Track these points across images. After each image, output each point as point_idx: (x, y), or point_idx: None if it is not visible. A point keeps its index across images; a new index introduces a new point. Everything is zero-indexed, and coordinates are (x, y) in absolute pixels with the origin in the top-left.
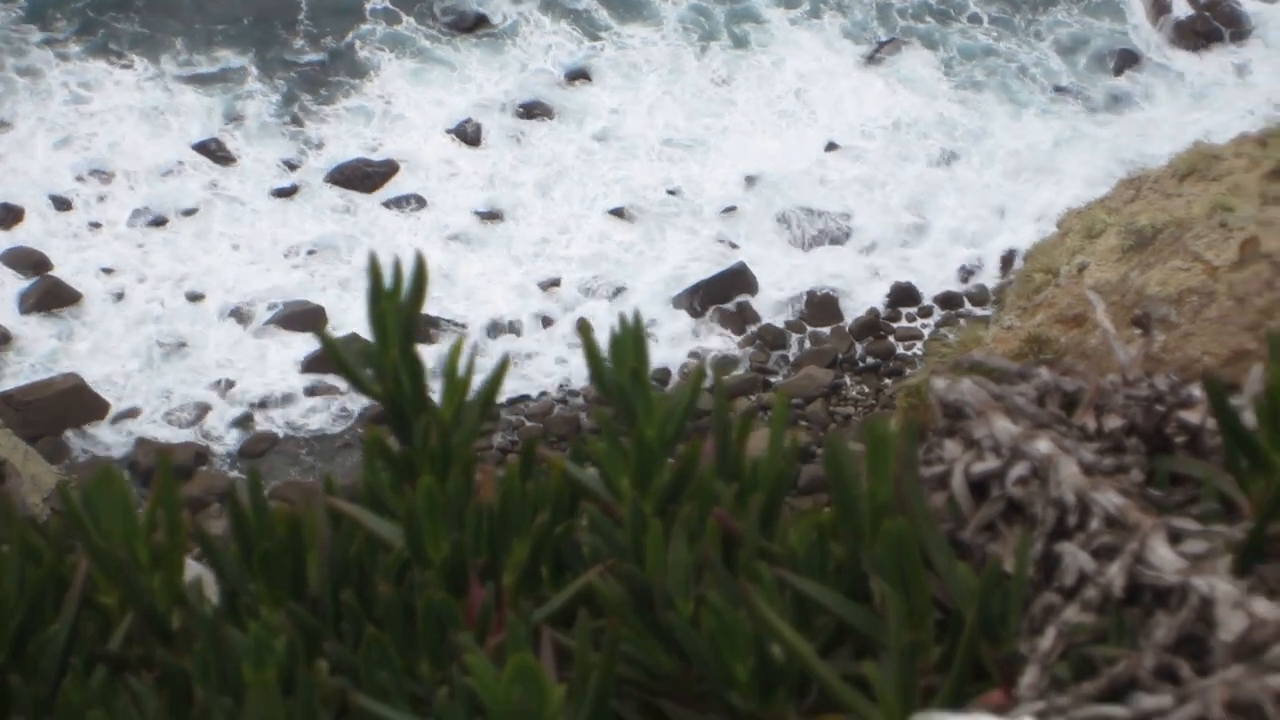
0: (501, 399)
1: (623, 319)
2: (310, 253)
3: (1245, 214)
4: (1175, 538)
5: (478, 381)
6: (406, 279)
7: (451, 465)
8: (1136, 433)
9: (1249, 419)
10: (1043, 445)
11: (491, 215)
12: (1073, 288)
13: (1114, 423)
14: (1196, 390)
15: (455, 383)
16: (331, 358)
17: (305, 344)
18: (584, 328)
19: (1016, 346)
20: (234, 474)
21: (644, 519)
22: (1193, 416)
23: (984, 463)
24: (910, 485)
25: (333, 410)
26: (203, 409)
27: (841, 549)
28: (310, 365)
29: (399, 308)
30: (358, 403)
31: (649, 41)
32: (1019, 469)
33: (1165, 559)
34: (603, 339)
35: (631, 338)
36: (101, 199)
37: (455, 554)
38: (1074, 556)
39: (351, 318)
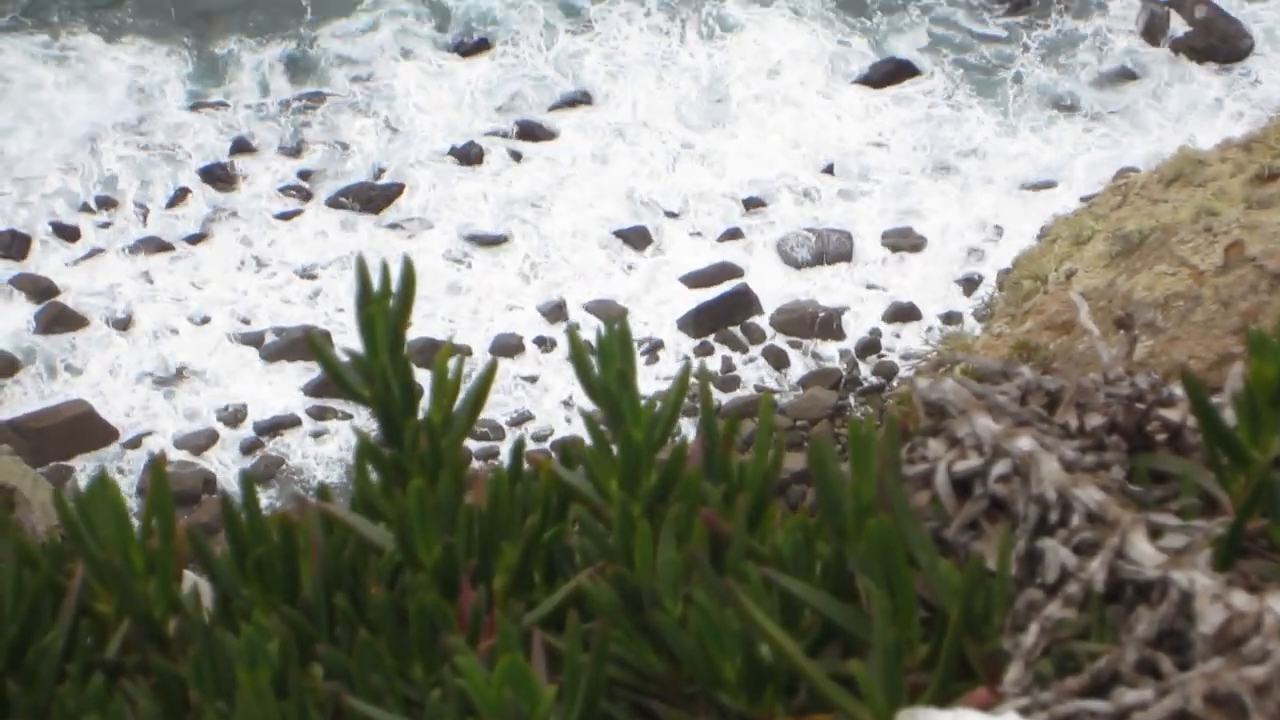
0: (505, 418)
1: (609, 322)
2: (314, 276)
3: (1230, 218)
4: (1155, 533)
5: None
6: (395, 284)
7: (442, 469)
8: (1118, 430)
9: (1229, 416)
10: (1024, 443)
11: (494, 238)
12: (1061, 294)
13: (1095, 420)
14: (1177, 388)
15: (444, 386)
16: (320, 362)
17: (311, 369)
18: (571, 331)
19: (1006, 353)
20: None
21: (632, 521)
22: (1173, 414)
23: (967, 461)
24: (893, 484)
25: (341, 434)
26: (211, 435)
27: (827, 548)
28: (317, 390)
29: (387, 313)
30: (367, 427)
31: (648, 60)
32: (1001, 467)
33: (1145, 554)
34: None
35: (618, 340)
36: (107, 225)
37: (446, 557)
38: (1056, 553)
39: (357, 339)
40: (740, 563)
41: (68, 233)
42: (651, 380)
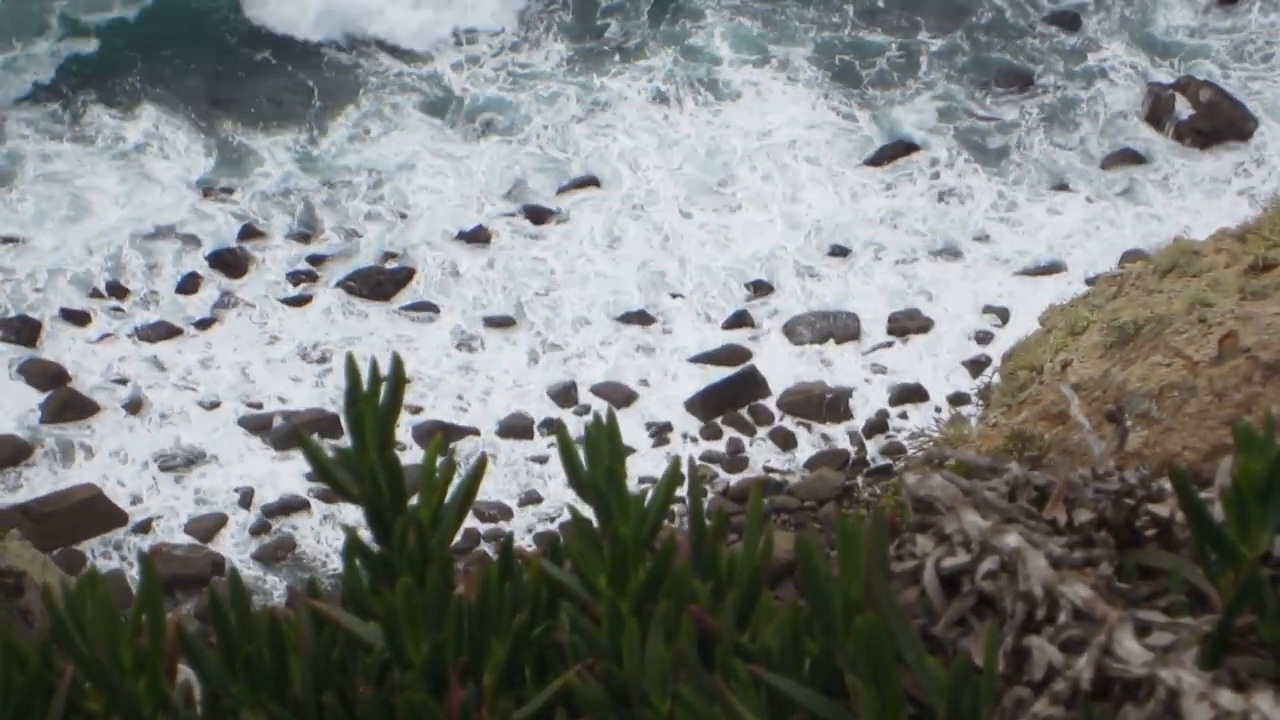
0: (513, 499)
1: (597, 418)
2: (324, 360)
3: (1225, 309)
4: (1143, 630)
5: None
6: (385, 381)
7: (430, 565)
8: (1106, 526)
9: (1218, 511)
10: (1012, 539)
11: (503, 319)
12: (1056, 385)
13: (1084, 516)
14: (1167, 483)
15: (432, 484)
16: (309, 460)
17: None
18: (559, 429)
19: (1001, 443)
20: (252, 578)
21: (621, 617)
22: (1162, 509)
23: (955, 557)
24: (879, 581)
25: (350, 516)
26: (220, 518)
27: (816, 644)
28: None
29: (376, 410)
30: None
31: (652, 137)
32: (988, 563)
33: (1133, 651)
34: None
35: (606, 437)
36: (118, 310)
37: (435, 655)
38: (1043, 650)
39: None
40: (729, 660)
41: (78, 317)
42: (658, 461)
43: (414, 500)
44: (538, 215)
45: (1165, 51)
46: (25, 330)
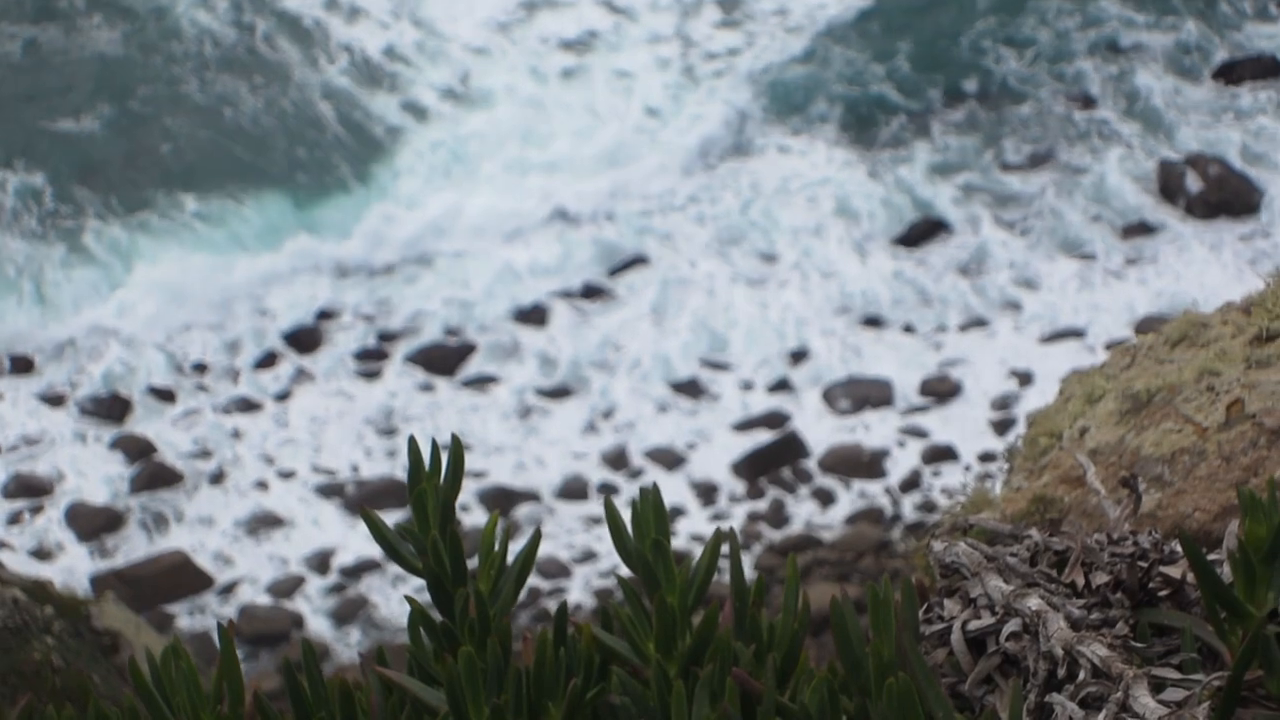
0: (570, 556)
1: (643, 492)
2: (392, 431)
3: (1231, 378)
4: (1158, 686)
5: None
6: (445, 462)
7: (490, 635)
8: (1122, 588)
9: (1226, 573)
10: (1033, 602)
11: (557, 391)
12: (1074, 450)
13: (1101, 579)
14: (1179, 546)
15: (491, 557)
16: (376, 538)
17: (390, 517)
18: (608, 504)
19: (1024, 506)
20: (329, 636)
21: (668, 681)
22: (1174, 571)
23: (980, 620)
24: (910, 644)
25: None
26: (298, 579)
27: (851, 704)
28: None
29: (438, 489)
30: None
31: (697, 216)
32: (1012, 625)
33: (1148, 707)
34: (667, 501)
35: (652, 510)
36: (201, 388)
37: (495, 718)
38: (1064, 707)
39: None
40: (771, 719)
41: (164, 394)
42: (705, 521)
43: (473, 561)
44: (590, 292)
45: (1176, 128)
46: (116, 408)
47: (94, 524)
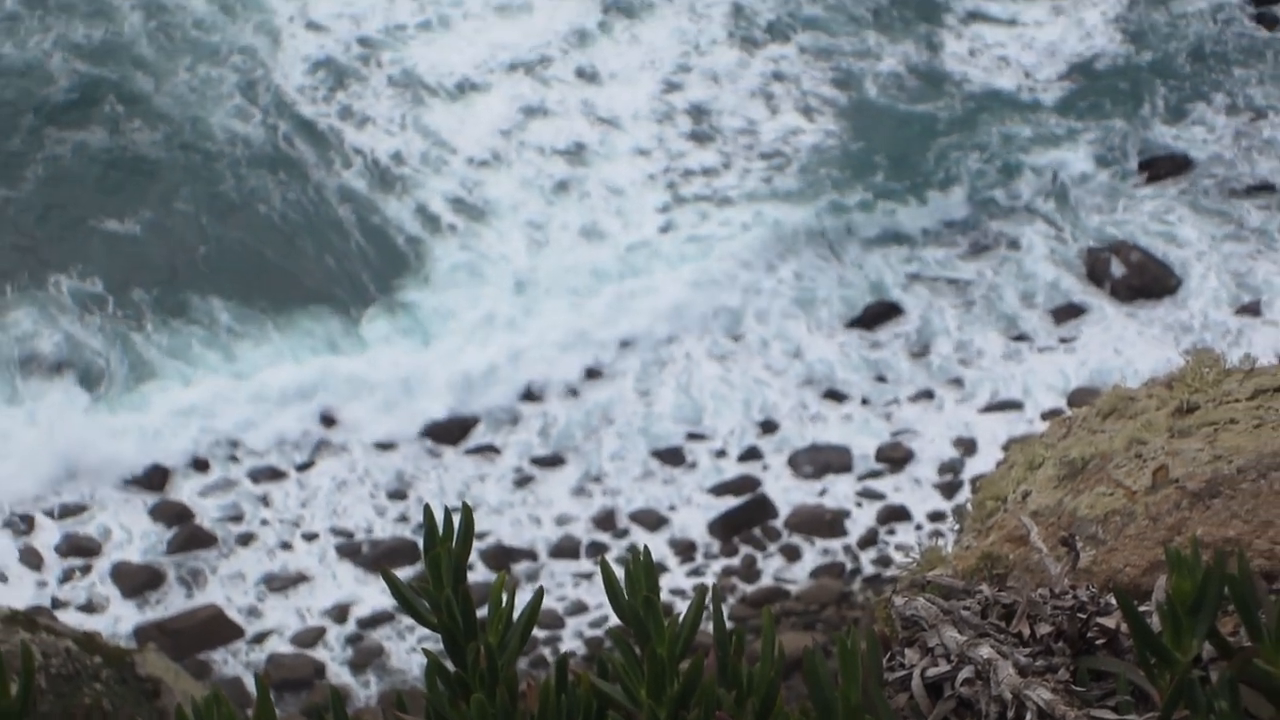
0: (563, 608)
1: (634, 552)
2: (404, 496)
3: (1157, 446)
4: None
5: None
6: (457, 528)
7: (499, 683)
8: (1063, 637)
9: (1156, 622)
10: (984, 651)
11: (553, 459)
12: (1018, 512)
13: (1044, 629)
14: (1113, 599)
15: (499, 613)
16: (394, 595)
17: (403, 573)
18: (603, 564)
19: (974, 563)
20: (348, 681)
21: None
22: (1110, 621)
23: (937, 667)
24: (874, 689)
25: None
26: (319, 630)
27: None
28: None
29: (450, 552)
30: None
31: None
32: (966, 671)
33: None
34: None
35: (643, 569)
36: (233, 459)
37: None
38: None
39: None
40: None
41: (200, 464)
42: (684, 576)
43: (482, 611)
44: (586, 371)
45: (1101, 218)
46: (156, 478)
47: (137, 581)
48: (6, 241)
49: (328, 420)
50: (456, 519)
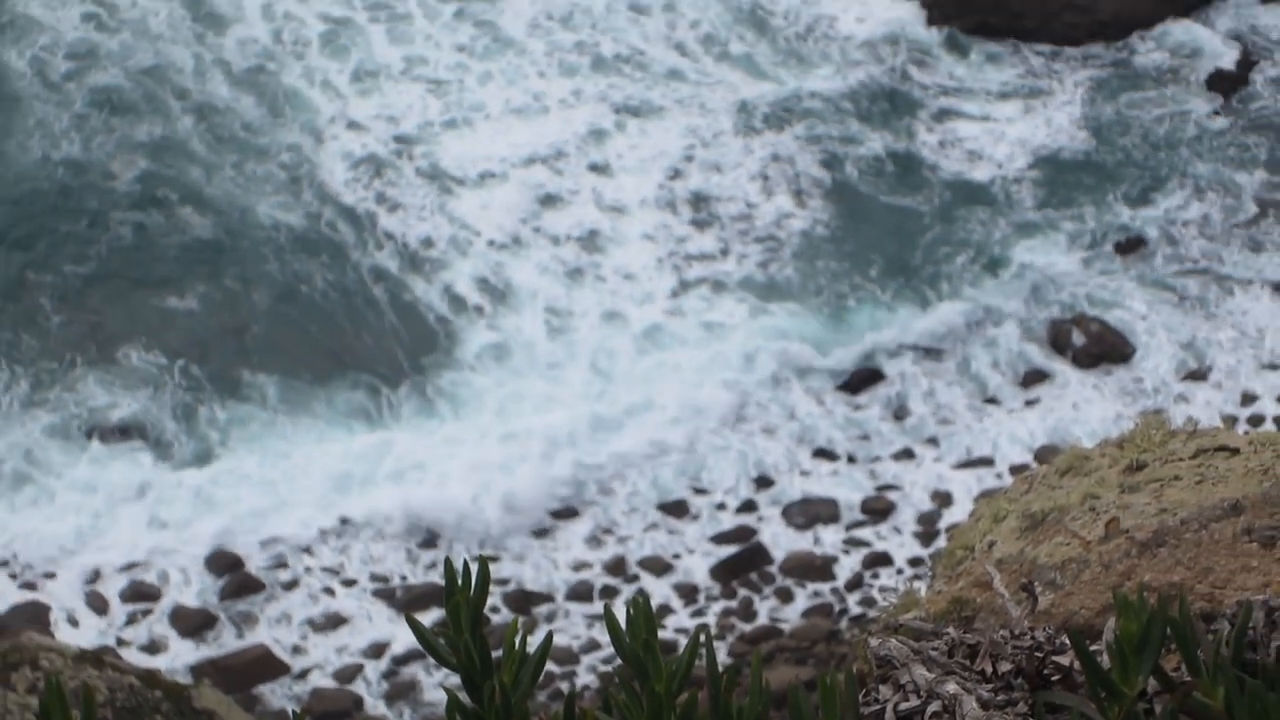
0: (577, 645)
1: (634, 600)
2: (433, 545)
3: (1109, 500)
4: None
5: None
6: (475, 578)
7: (512, 718)
8: (1022, 674)
9: (1106, 660)
10: (951, 687)
11: (568, 511)
12: (984, 560)
13: (1005, 667)
14: (1068, 639)
15: (512, 655)
16: (419, 639)
17: (433, 615)
18: (607, 612)
19: (945, 606)
20: (383, 713)
21: None
22: (1064, 659)
23: (908, 702)
24: None
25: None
26: (358, 666)
27: None
28: (437, 630)
29: (469, 599)
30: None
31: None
32: (934, 706)
33: None
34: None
35: (643, 615)
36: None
37: None
38: None
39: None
40: None
41: (250, 522)
42: (688, 616)
43: (498, 652)
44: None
45: (1062, 292)
46: (212, 532)
47: (193, 623)
48: (77, 315)
49: (366, 485)
50: (475, 569)
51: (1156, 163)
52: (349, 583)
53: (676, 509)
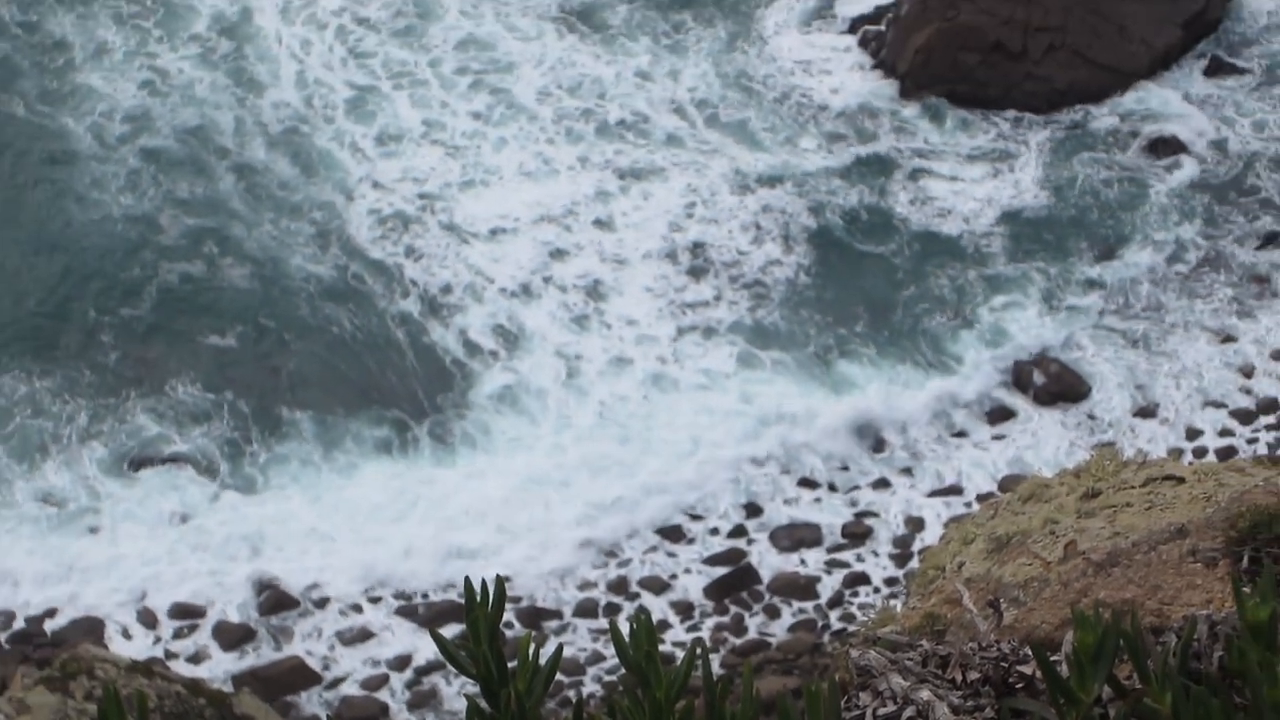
0: (583, 657)
1: (636, 616)
2: (458, 558)
3: (1068, 524)
4: None
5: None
6: (492, 595)
7: None
8: (989, 682)
9: (1065, 670)
10: (924, 694)
11: (580, 541)
12: (954, 579)
13: (974, 676)
14: (1030, 651)
15: (526, 665)
16: (441, 651)
17: (453, 629)
18: (612, 626)
19: (918, 621)
20: (408, 718)
21: None
22: (1027, 669)
23: (886, 708)
24: None
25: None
26: (384, 676)
27: None
28: (459, 643)
29: (487, 615)
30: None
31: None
32: (909, 711)
33: None
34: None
35: (644, 629)
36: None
37: None
38: None
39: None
40: None
41: (285, 547)
42: (684, 631)
43: (513, 663)
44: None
45: (1027, 336)
46: (245, 548)
47: (234, 637)
48: (130, 352)
49: (392, 513)
50: (492, 588)
51: (1109, 219)
52: (375, 600)
53: (673, 533)
